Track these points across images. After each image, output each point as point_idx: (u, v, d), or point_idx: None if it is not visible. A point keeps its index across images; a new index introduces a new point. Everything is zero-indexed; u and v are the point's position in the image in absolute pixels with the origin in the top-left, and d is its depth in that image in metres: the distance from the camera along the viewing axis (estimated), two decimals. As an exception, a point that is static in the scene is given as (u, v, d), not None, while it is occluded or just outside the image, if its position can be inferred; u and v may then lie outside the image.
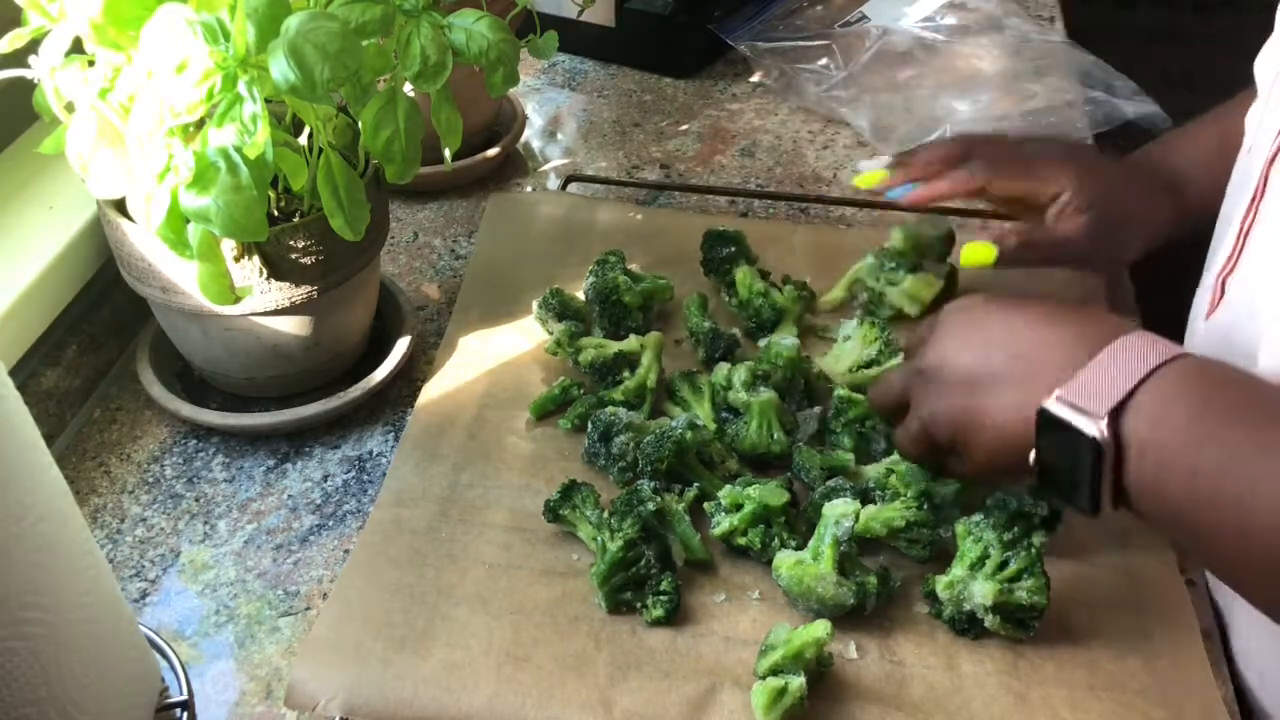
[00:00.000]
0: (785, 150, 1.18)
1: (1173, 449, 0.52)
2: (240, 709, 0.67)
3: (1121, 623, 0.70)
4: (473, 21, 0.75)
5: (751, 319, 0.90)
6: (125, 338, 0.92)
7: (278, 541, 0.77)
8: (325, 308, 0.80)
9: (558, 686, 0.65)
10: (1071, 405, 0.53)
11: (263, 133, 0.64)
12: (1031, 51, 1.28)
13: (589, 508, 0.73)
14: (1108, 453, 0.53)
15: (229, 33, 0.63)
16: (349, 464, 0.82)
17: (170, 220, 0.67)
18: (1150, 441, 0.52)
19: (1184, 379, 0.53)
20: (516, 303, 0.93)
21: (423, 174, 0.80)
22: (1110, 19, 2.58)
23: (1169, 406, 0.52)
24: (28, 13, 0.68)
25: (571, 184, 1.11)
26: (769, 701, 0.62)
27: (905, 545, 0.73)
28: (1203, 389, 0.53)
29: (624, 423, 0.78)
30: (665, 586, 0.69)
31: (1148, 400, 0.53)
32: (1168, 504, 0.53)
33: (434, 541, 0.74)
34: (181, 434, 0.84)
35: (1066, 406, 0.54)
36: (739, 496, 0.73)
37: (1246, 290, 0.68)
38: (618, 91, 1.29)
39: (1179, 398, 0.52)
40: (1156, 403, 0.52)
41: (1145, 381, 0.53)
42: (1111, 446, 0.52)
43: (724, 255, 0.93)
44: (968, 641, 0.69)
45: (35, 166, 0.88)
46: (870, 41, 1.29)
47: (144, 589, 0.74)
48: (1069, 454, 0.55)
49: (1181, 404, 0.52)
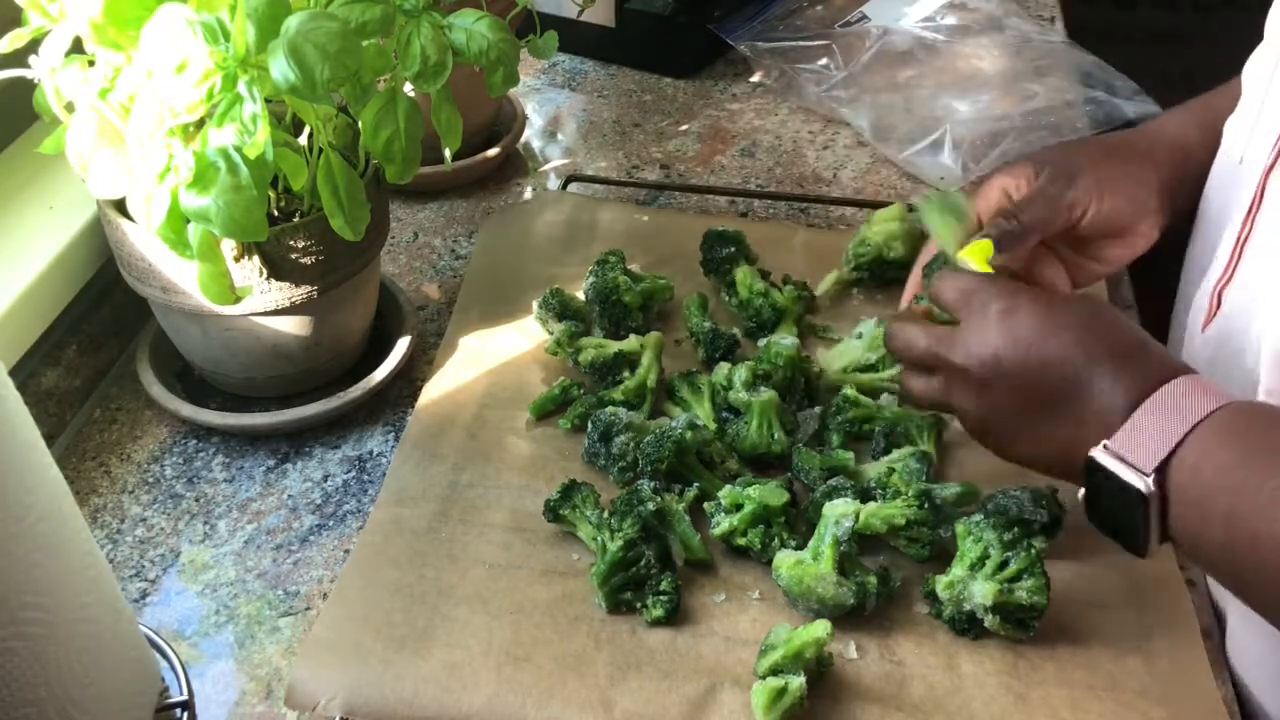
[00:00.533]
0: (785, 150, 1.18)
1: (1211, 495, 0.54)
2: (240, 709, 0.67)
3: (1121, 623, 0.70)
4: (473, 21, 0.75)
5: (751, 319, 0.90)
6: (125, 338, 0.92)
7: (278, 541, 0.77)
8: (325, 308, 0.80)
9: (558, 686, 0.65)
10: (1119, 458, 0.55)
11: (263, 133, 0.64)
12: (1031, 51, 1.28)
13: (589, 508, 0.73)
14: (1153, 504, 0.55)
15: (229, 33, 0.63)
16: (349, 464, 0.82)
17: (170, 220, 0.67)
18: (1191, 488, 0.54)
19: (1228, 428, 0.54)
20: (516, 303, 0.93)
21: (423, 174, 0.80)
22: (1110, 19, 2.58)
23: (1211, 455, 0.54)
24: (28, 13, 0.68)
25: (571, 184, 1.11)
26: (769, 701, 0.62)
27: (905, 544, 0.73)
28: (1246, 437, 0.54)
29: (624, 423, 0.78)
30: (665, 586, 0.69)
31: (1191, 451, 0.54)
32: (1210, 547, 0.55)
33: (434, 541, 0.74)
34: (181, 434, 0.85)
35: (1114, 458, 0.56)
36: (739, 496, 0.73)
37: (1243, 302, 0.68)
38: (618, 91, 1.29)
39: (1221, 447, 0.54)
40: (1199, 453, 0.54)
41: (1191, 433, 0.54)
42: (1157, 498, 0.54)
43: (724, 255, 0.94)
44: (968, 641, 0.69)
45: (35, 166, 0.88)
46: (870, 41, 1.29)
47: (144, 589, 0.74)
48: (1115, 499, 0.57)
49: (1224, 452, 0.54)
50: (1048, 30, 1.34)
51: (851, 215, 1.08)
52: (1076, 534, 0.74)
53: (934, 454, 0.79)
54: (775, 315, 0.89)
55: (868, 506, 0.72)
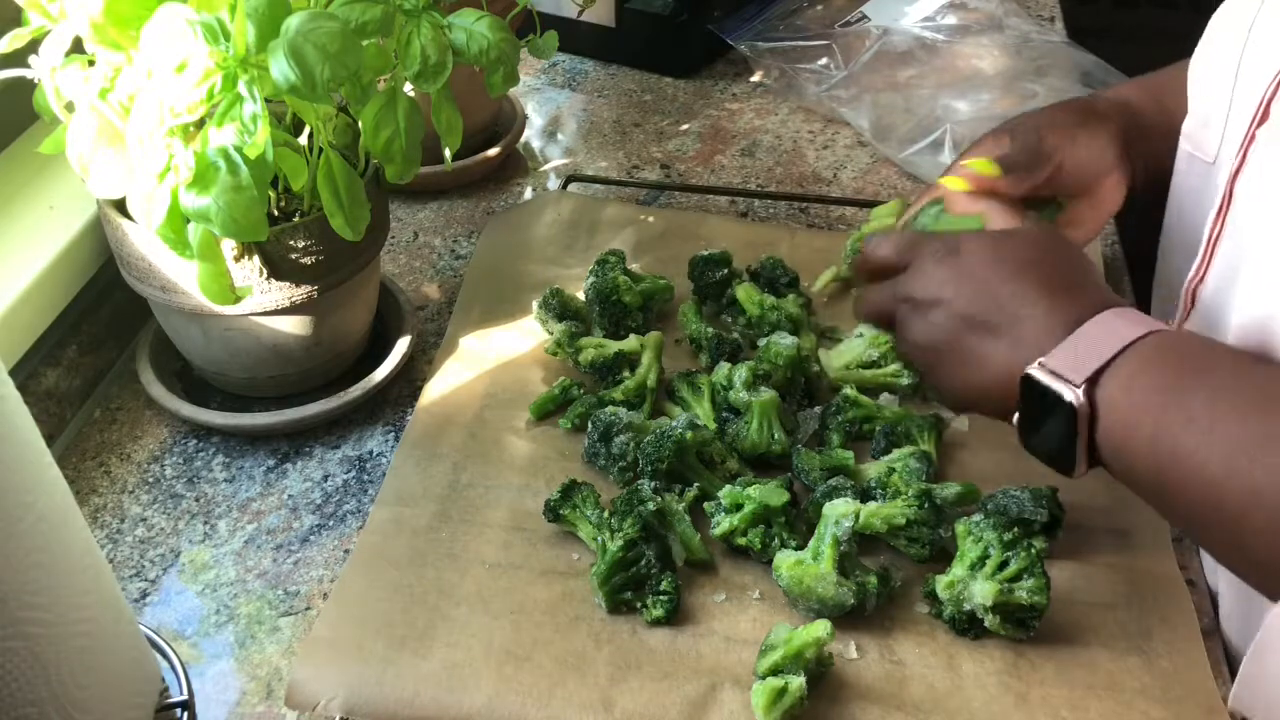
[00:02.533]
0: (785, 150, 1.18)
1: (1139, 412, 0.56)
2: (240, 709, 0.67)
3: (1121, 623, 0.70)
4: (473, 21, 0.75)
5: (768, 334, 0.86)
6: (125, 338, 0.92)
7: (278, 541, 0.77)
8: (325, 308, 0.80)
9: (558, 686, 0.65)
10: (1052, 373, 0.58)
11: (263, 133, 0.64)
12: (1031, 51, 1.28)
13: (589, 508, 0.73)
14: (1082, 417, 0.57)
15: (229, 33, 0.63)
16: (349, 464, 0.82)
17: (170, 220, 0.67)
18: (1119, 405, 0.56)
19: (1158, 351, 0.57)
20: (516, 303, 0.93)
21: (423, 174, 0.80)
22: (1110, 19, 2.58)
23: (1139, 375, 0.56)
24: (28, 13, 0.68)
25: (571, 184, 1.11)
26: (769, 701, 0.62)
27: (905, 544, 0.73)
28: (1174, 359, 0.57)
29: (624, 423, 0.78)
30: (665, 586, 0.69)
31: (1122, 370, 0.57)
32: (1135, 464, 0.57)
33: (434, 541, 0.74)
34: (181, 434, 0.85)
35: (1048, 374, 0.58)
36: (739, 496, 0.73)
37: (1215, 300, 0.70)
38: (618, 91, 1.29)
39: (1150, 368, 0.56)
40: (1128, 373, 0.57)
41: (1123, 353, 0.57)
42: (1087, 411, 0.57)
43: (717, 279, 0.92)
44: (968, 641, 0.69)
45: (35, 166, 0.88)
46: (870, 41, 1.29)
47: (144, 589, 0.74)
48: (1049, 417, 0.59)
49: (1153, 372, 0.56)
50: (1048, 30, 1.34)
51: (851, 215, 1.08)
52: (1076, 534, 0.75)
53: (934, 454, 0.79)
54: (792, 327, 0.87)
55: (868, 506, 0.73)
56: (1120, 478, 0.59)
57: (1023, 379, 0.59)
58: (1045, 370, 0.58)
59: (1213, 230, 0.70)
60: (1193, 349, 0.58)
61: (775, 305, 0.89)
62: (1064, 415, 0.58)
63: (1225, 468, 0.52)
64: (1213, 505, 0.53)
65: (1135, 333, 0.58)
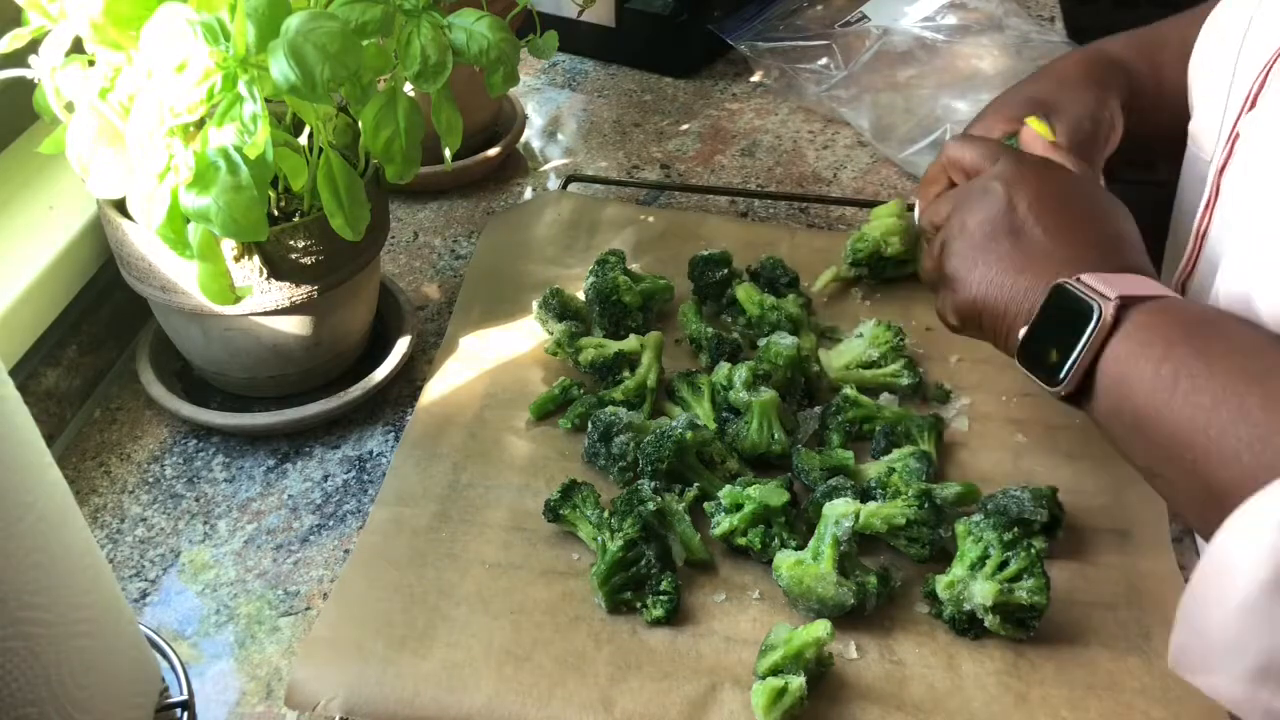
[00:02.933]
0: (785, 150, 1.18)
1: (1155, 336, 0.58)
2: (240, 709, 0.67)
3: (1121, 623, 0.70)
4: (473, 21, 0.75)
5: (768, 334, 0.86)
6: (125, 338, 0.92)
7: (278, 541, 0.77)
8: (325, 308, 0.80)
9: (558, 686, 0.65)
10: (1089, 288, 0.60)
11: (263, 133, 0.64)
12: (1031, 51, 1.28)
13: (589, 508, 0.73)
14: (1102, 329, 0.59)
15: (229, 33, 0.63)
16: (349, 464, 0.82)
17: (170, 220, 0.67)
18: (1142, 326, 0.58)
19: (1183, 304, 0.60)
20: (516, 303, 0.93)
21: (423, 174, 0.80)
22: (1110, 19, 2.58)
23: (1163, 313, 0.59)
24: (28, 13, 0.68)
25: (571, 184, 1.11)
26: (769, 701, 0.62)
27: (905, 544, 0.73)
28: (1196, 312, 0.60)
29: (624, 423, 0.78)
30: (665, 586, 0.69)
31: (1151, 304, 0.59)
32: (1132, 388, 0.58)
33: (434, 541, 0.74)
34: (181, 434, 0.85)
35: (1085, 287, 0.61)
36: (739, 496, 0.73)
37: (1200, 292, 0.71)
38: (618, 91, 1.29)
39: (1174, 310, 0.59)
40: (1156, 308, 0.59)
41: (1154, 298, 0.60)
42: (1108, 325, 0.59)
43: (718, 279, 0.92)
44: (968, 641, 0.69)
45: (35, 166, 0.88)
46: (870, 41, 1.29)
47: (144, 589, 0.74)
48: (1063, 328, 0.61)
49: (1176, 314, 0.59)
50: (1048, 30, 1.34)
51: (851, 215, 1.08)
52: (1076, 534, 0.75)
53: (934, 454, 0.79)
54: (792, 327, 0.88)
55: (868, 506, 0.73)
56: (1103, 398, 0.60)
57: (1056, 286, 0.62)
58: (1084, 284, 0.61)
59: (1200, 224, 0.72)
60: (1217, 314, 0.61)
61: (775, 305, 0.89)
62: (1084, 325, 0.59)
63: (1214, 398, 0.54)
64: (1199, 426, 0.54)
65: (1169, 294, 0.61)
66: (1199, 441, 0.54)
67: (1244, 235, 0.65)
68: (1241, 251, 0.65)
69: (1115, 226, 0.67)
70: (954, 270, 0.69)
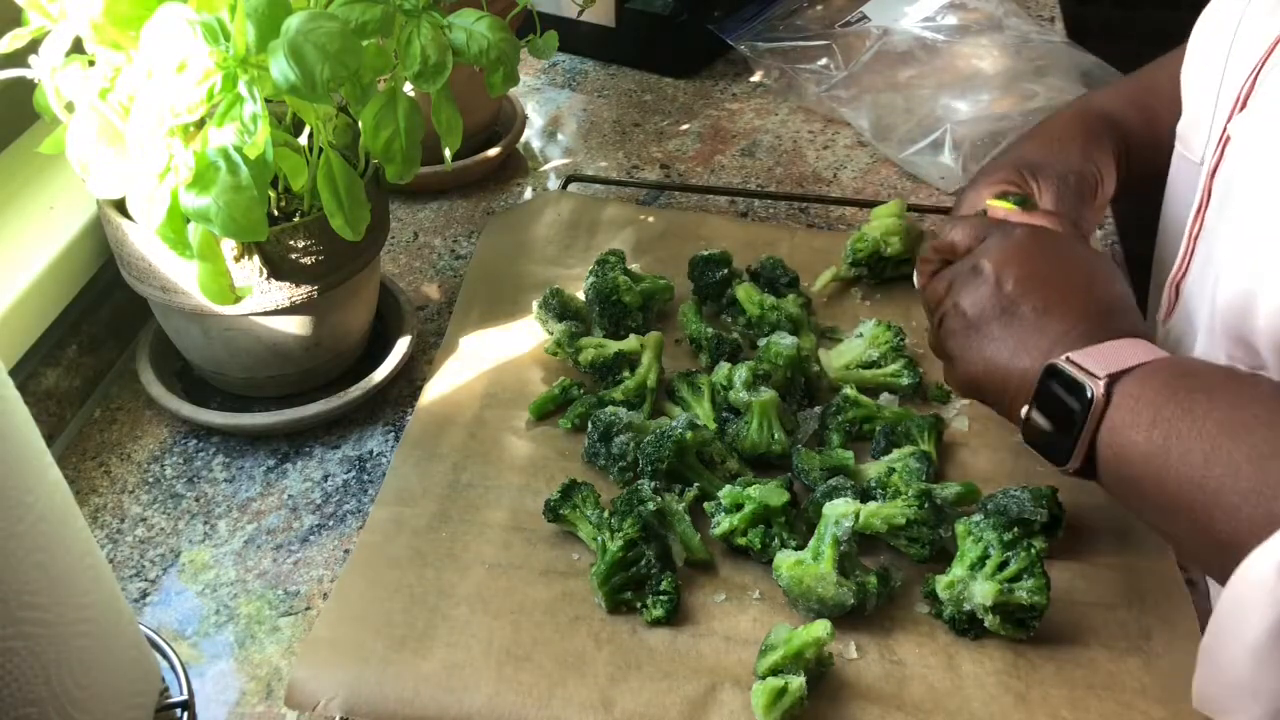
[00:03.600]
0: (785, 150, 1.18)
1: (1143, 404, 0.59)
2: (240, 709, 0.67)
3: (1121, 623, 0.70)
4: (473, 21, 0.75)
5: (768, 334, 0.87)
6: (125, 338, 0.92)
7: (278, 541, 0.77)
8: (325, 308, 0.80)
9: (558, 686, 0.65)
10: (1079, 367, 0.61)
11: (263, 133, 0.64)
12: (1031, 51, 1.28)
13: (589, 507, 0.73)
14: (1096, 408, 0.60)
15: (229, 33, 0.63)
16: (349, 464, 0.82)
17: (170, 220, 0.67)
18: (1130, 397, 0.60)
19: (1172, 364, 0.61)
20: (516, 303, 0.93)
21: (423, 174, 0.80)
22: (1110, 19, 2.58)
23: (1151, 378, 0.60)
24: (28, 13, 0.68)
25: (571, 184, 1.11)
26: (769, 701, 0.62)
27: (905, 544, 0.73)
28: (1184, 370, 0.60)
29: (624, 423, 0.78)
30: (665, 586, 0.69)
31: (1138, 373, 0.60)
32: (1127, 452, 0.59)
33: (434, 541, 0.74)
34: (181, 434, 0.85)
35: (1075, 367, 0.61)
36: (739, 496, 0.73)
37: (1194, 294, 0.72)
38: (618, 91, 1.29)
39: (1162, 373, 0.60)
40: (1143, 375, 0.60)
41: (1142, 365, 0.60)
42: (1101, 404, 0.60)
43: (717, 279, 0.92)
44: (968, 641, 0.69)
45: (35, 166, 0.88)
46: (870, 41, 1.29)
47: (144, 589, 0.74)
48: (1060, 406, 0.62)
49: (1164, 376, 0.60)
50: (1048, 30, 1.34)
51: (851, 215, 1.08)
52: (1076, 534, 0.75)
53: (934, 454, 0.79)
54: (792, 327, 0.88)
55: (868, 506, 0.73)
56: (1106, 470, 0.61)
57: (1048, 368, 0.62)
58: (1073, 364, 0.61)
59: (1193, 227, 0.72)
60: (1200, 367, 0.61)
61: (775, 305, 0.89)
62: (1078, 404, 0.60)
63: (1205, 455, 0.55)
64: (1195, 484, 0.55)
65: (1156, 354, 0.61)
66: (1198, 499, 0.55)
67: (1240, 238, 0.65)
68: (1239, 254, 0.65)
69: (1103, 290, 0.67)
70: (952, 351, 0.70)
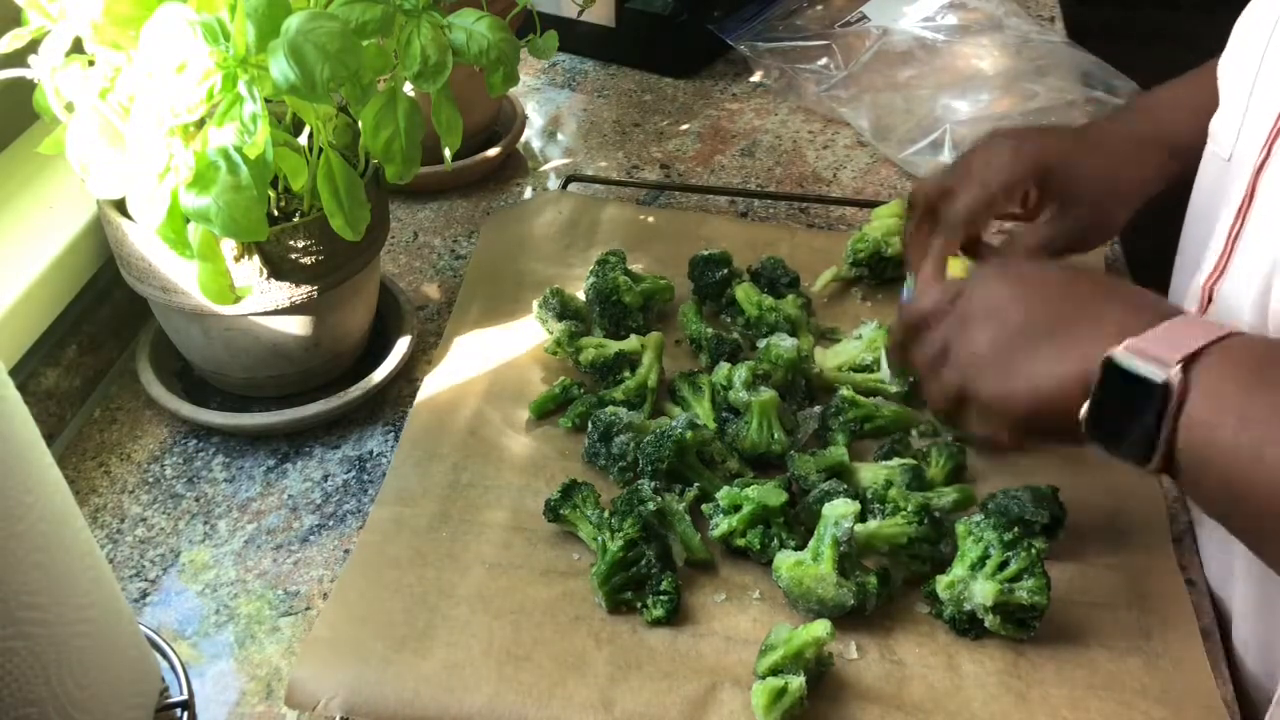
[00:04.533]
0: (785, 150, 1.18)
1: (1226, 397, 0.52)
2: (240, 709, 0.67)
3: (1121, 623, 0.70)
4: (473, 21, 0.75)
5: (766, 334, 0.87)
6: (125, 338, 0.92)
7: (278, 541, 0.77)
8: (325, 308, 0.80)
9: (558, 686, 0.65)
10: (1142, 354, 0.54)
11: (263, 133, 0.64)
12: (1031, 51, 1.28)
13: (589, 507, 0.73)
14: (1174, 397, 0.53)
15: (229, 33, 0.63)
16: (349, 464, 0.82)
17: (170, 220, 0.67)
18: (1209, 388, 0.53)
19: (1246, 345, 0.54)
20: (516, 303, 0.93)
21: (423, 174, 0.80)
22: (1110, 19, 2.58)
23: (1228, 363, 0.53)
24: (28, 13, 0.68)
25: (571, 184, 1.11)
26: (769, 701, 0.62)
27: (907, 560, 0.72)
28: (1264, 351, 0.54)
29: (624, 422, 0.78)
30: (665, 586, 0.69)
31: (1214, 356, 0.53)
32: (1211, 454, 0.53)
33: (434, 541, 0.74)
34: (181, 434, 0.84)
35: (1138, 355, 0.54)
36: (737, 497, 0.73)
37: (1234, 297, 0.68)
38: (618, 91, 1.29)
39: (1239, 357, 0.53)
40: (1220, 359, 0.53)
41: (1215, 343, 0.54)
42: (1178, 393, 0.53)
43: (717, 279, 0.92)
44: (968, 641, 0.69)
45: (35, 166, 0.88)
46: (870, 41, 1.29)
47: (144, 589, 0.74)
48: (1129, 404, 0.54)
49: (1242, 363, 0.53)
50: (1048, 30, 1.34)
51: (851, 215, 1.08)
52: (1076, 534, 0.74)
53: (937, 475, 0.78)
54: (790, 328, 0.88)
55: (869, 525, 0.72)
56: (1188, 472, 0.54)
57: (1106, 364, 0.55)
58: (1134, 351, 0.54)
59: (1233, 227, 0.69)
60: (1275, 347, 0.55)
61: (774, 306, 0.89)
62: (1151, 398, 0.53)
63: None
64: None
65: (1221, 331, 0.54)
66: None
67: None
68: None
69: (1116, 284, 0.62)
70: (992, 394, 0.62)
